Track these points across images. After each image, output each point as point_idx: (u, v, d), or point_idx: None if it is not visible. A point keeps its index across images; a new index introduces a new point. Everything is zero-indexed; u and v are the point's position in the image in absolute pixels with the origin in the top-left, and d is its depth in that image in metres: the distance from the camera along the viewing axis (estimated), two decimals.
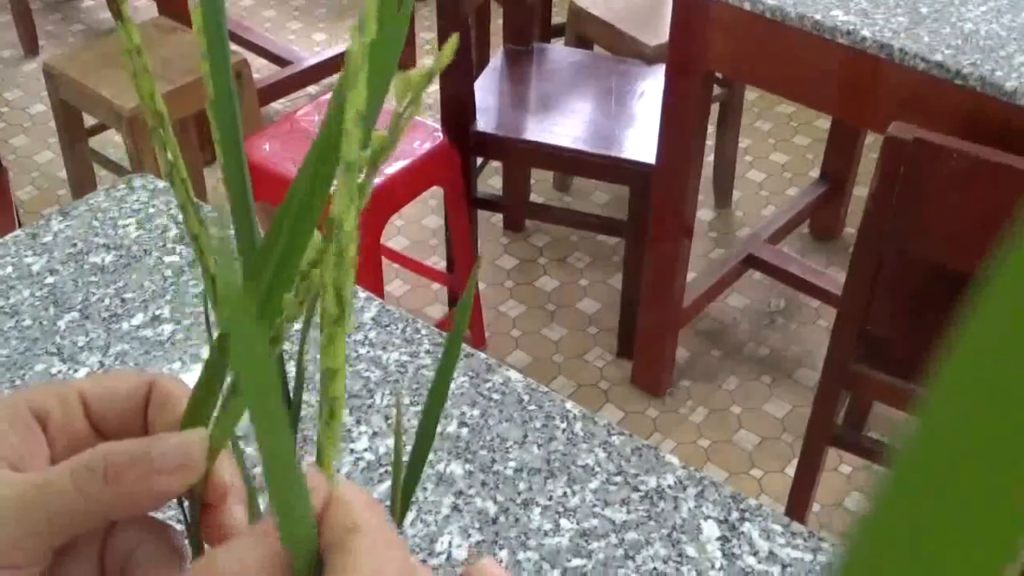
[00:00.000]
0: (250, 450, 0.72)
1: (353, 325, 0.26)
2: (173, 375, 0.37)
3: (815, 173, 2.49)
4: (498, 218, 2.46)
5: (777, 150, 2.70)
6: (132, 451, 0.33)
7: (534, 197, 2.52)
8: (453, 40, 0.23)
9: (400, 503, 0.35)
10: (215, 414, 0.33)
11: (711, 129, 2.00)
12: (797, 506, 1.57)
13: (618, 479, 0.72)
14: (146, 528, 0.35)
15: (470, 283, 0.36)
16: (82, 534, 0.34)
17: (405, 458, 0.37)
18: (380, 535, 0.28)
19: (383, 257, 1.87)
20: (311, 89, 2.81)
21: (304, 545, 0.26)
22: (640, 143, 1.91)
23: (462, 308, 0.36)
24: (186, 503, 0.35)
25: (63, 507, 0.32)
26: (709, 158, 2.40)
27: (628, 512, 0.70)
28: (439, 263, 2.27)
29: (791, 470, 1.83)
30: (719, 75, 2.13)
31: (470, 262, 2.00)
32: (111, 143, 2.61)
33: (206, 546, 0.36)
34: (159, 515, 0.37)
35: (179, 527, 0.37)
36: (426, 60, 2.79)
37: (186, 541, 0.36)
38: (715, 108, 2.27)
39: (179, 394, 0.36)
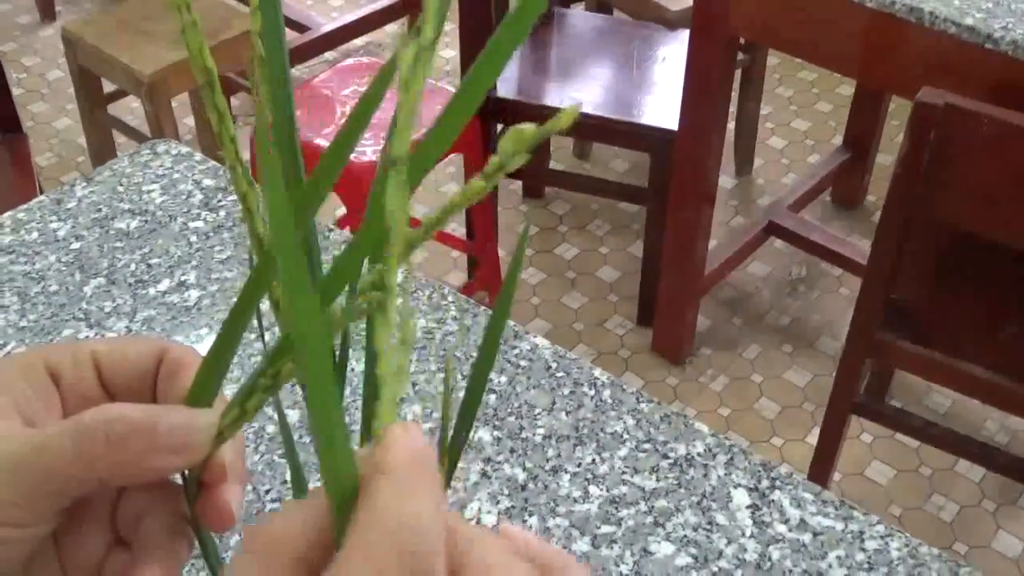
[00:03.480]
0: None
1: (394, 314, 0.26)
2: (187, 344, 0.37)
3: (837, 140, 2.46)
4: (517, 185, 2.44)
5: (799, 117, 2.68)
6: (136, 420, 0.32)
7: (553, 164, 2.51)
8: None
9: (446, 470, 0.34)
10: (233, 399, 0.33)
11: (732, 95, 1.98)
12: (819, 475, 1.57)
13: (647, 446, 0.72)
14: (158, 494, 0.35)
15: (512, 268, 0.35)
16: (87, 496, 0.33)
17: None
18: (410, 479, 0.26)
19: None
20: (328, 55, 2.79)
21: (341, 493, 0.26)
22: (661, 109, 1.89)
23: (505, 294, 0.35)
24: (186, 476, 0.35)
25: (61, 468, 0.32)
26: (730, 125, 2.38)
27: (658, 480, 0.70)
28: (458, 230, 2.27)
29: (812, 439, 1.83)
30: (741, 40, 2.11)
31: (489, 228, 1.99)
32: (129, 109, 2.61)
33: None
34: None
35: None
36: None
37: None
38: (736, 74, 2.24)
39: (190, 364, 0.35)
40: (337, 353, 0.34)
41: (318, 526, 0.27)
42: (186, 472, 0.35)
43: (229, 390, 0.69)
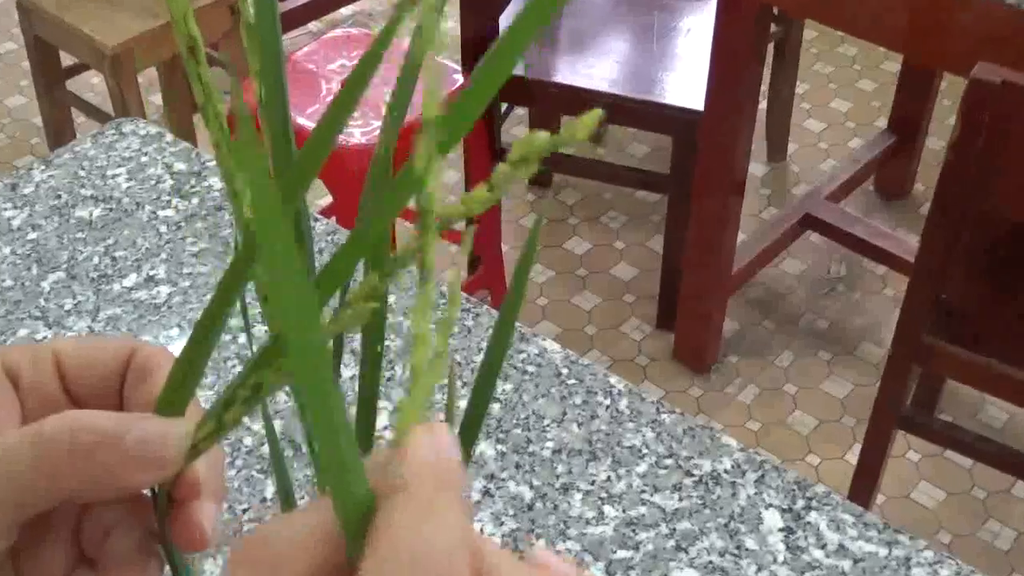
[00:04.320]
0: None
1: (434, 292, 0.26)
2: (158, 345, 0.37)
3: (882, 123, 2.46)
4: None
5: (839, 96, 2.68)
6: (103, 429, 0.33)
7: (563, 148, 2.51)
8: None
9: None
10: (210, 410, 0.33)
11: (764, 72, 1.98)
12: (860, 497, 1.57)
13: (668, 462, 0.72)
14: (126, 509, 0.36)
15: (522, 265, 0.35)
16: (48, 510, 0.34)
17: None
18: (432, 498, 0.25)
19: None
20: (313, 26, 2.80)
21: (353, 510, 0.26)
22: (685, 87, 1.89)
23: (513, 295, 0.35)
24: (157, 491, 0.35)
25: (19, 480, 0.32)
26: (762, 105, 2.38)
27: (680, 499, 0.70)
28: (456, 222, 2.27)
29: (852, 457, 1.83)
30: (775, 11, 2.11)
31: (492, 220, 2.00)
32: (90, 85, 2.62)
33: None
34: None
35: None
36: None
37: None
38: (769, 48, 2.25)
39: (162, 366, 0.35)
40: None
41: (330, 534, 0.26)
42: (156, 487, 0.35)
43: (202, 393, 0.70)
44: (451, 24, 2.80)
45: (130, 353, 0.36)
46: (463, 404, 0.40)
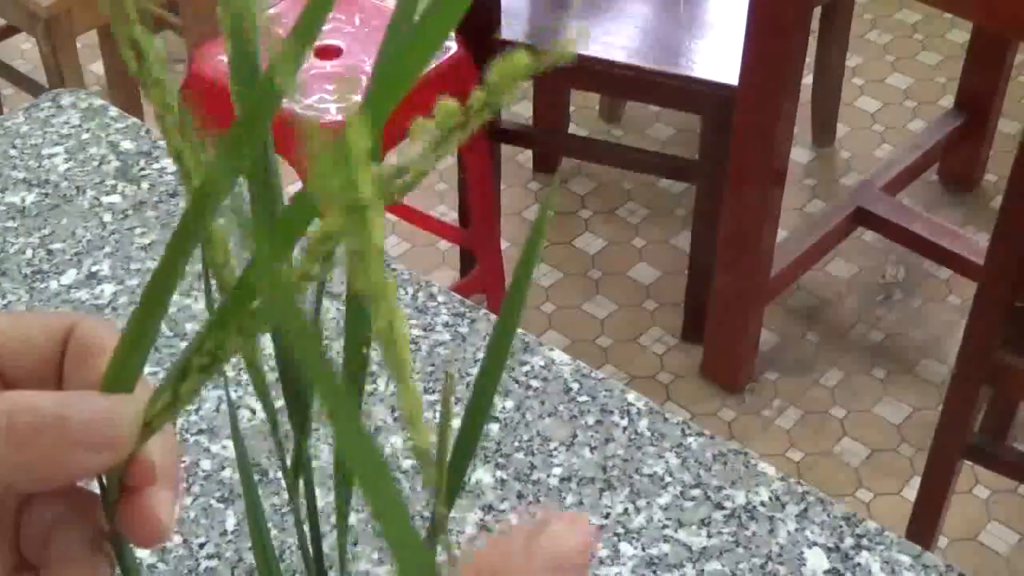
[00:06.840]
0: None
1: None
2: (102, 318, 0.38)
3: (947, 101, 2.47)
4: (527, 156, 2.45)
5: (897, 70, 2.68)
6: (44, 409, 0.34)
7: (574, 129, 2.52)
8: None
9: (440, 518, 0.35)
10: (163, 382, 0.34)
11: (810, 42, 1.99)
12: (918, 539, 1.57)
13: (696, 493, 0.73)
14: (71, 504, 0.36)
15: (525, 258, 0.36)
16: None
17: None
18: None
19: None
20: None
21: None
22: (717, 58, 1.90)
23: (514, 295, 0.36)
24: (104, 480, 0.36)
25: None
26: (806, 80, 2.39)
27: (709, 535, 0.70)
28: (448, 214, 2.28)
29: (910, 492, 1.84)
30: None
31: (489, 213, 2.00)
32: (20, 52, 2.62)
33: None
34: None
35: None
36: None
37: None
38: (816, 13, 2.25)
39: (105, 343, 0.36)
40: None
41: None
42: (104, 476, 0.36)
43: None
44: None
45: (69, 328, 0.37)
46: (457, 424, 0.40)
